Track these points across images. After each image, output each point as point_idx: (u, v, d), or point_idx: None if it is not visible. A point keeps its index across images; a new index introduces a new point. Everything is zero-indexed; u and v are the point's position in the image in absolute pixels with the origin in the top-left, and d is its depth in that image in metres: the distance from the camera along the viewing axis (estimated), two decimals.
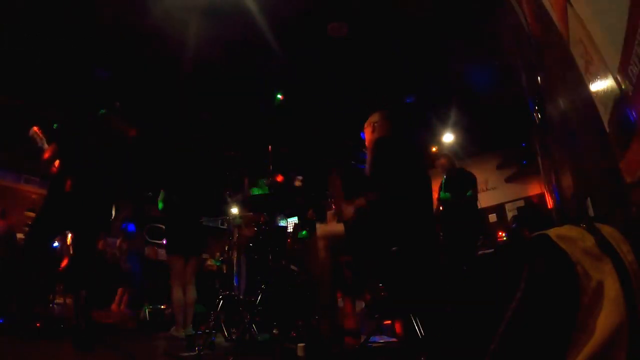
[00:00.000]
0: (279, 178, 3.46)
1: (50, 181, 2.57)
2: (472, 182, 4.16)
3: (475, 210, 4.20)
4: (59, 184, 2.47)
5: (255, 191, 3.90)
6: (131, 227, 5.13)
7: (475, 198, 4.17)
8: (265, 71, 4.40)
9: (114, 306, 4.80)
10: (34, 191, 6.46)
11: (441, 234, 4.05)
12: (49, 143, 2.62)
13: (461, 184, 4.13)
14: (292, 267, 3.28)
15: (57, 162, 2.55)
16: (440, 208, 4.18)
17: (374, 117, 2.35)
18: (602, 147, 1.16)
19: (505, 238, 5.97)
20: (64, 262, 4.25)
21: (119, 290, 4.88)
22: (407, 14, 3.60)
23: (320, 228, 2.17)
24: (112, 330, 3.78)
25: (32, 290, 2.53)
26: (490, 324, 0.83)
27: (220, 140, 5.60)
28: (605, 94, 1.00)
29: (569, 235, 0.82)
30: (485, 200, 4.24)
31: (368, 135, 2.35)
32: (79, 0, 3.40)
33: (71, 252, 2.96)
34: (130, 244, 5.05)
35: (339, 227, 2.09)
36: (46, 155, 2.56)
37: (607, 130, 1.04)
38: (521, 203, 6.46)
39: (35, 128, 2.68)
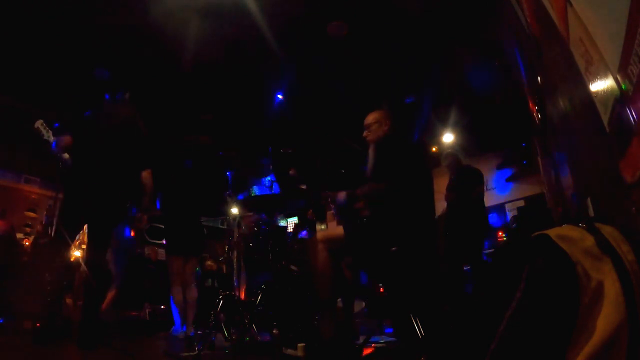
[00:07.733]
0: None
1: (65, 174, 2.54)
2: (479, 178, 4.12)
3: (483, 208, 4.16)
4: (76, 174, 2.47)
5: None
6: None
7: (482, 194, 4.13)
8: (265, 71, 4.40)
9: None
10: (34, 191, 6.45)
11: (447, 233, 4.01)
12: (55, 136, 2.59)
13: (469, 182, 4.11)
14: (292, 267, 3.28)
15: (66, 155, 2.52)
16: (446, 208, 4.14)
17: (371, 117, 2.34)
18: (602, 147, 1.16)
19: (505, 238, 5.97)
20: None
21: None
22: (406, 14, 3.60)
23: (321, 231, 2.17)
24: (111, 330, 3.77)
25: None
26: (490, 324, 0.83)
27: (221, 140, 5.60)
28: (605, 94, 1.00)
29: (569, 235, 0.82)
30: (485, 200, 4.23)
31: (367, 135, 2.34)
32: (79, 0, 3.40)
33: (86, 245, 2.81)
34: None
35: (338, 230, 2.09)
36: (64, 142, 2.52)
37: (607, 130, 1.04)
38: (521, 203, 6.46)
39: (40, 121, 2.67)
